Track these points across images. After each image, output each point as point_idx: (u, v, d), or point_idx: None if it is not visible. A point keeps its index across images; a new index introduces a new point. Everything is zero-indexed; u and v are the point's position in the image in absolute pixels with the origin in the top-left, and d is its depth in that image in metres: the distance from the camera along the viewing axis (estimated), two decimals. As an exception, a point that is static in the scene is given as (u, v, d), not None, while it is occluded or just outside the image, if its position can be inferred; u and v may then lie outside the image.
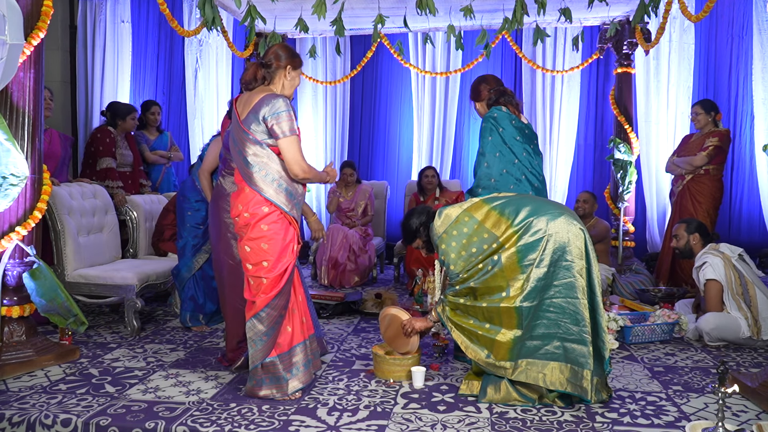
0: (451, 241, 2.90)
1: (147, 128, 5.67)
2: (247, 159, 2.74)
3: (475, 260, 2.83)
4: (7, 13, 2.74)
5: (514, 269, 2.75)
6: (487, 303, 2.78)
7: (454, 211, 2.97)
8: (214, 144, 3.93)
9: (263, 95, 2.74)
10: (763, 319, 3.64)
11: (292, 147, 2.72)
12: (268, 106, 2.70)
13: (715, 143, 4.89)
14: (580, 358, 2.71)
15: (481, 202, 2.94)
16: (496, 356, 2.75)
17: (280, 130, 2.70)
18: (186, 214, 4.05)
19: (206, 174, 3.92)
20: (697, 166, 4.95)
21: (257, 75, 2.83)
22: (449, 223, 2.94)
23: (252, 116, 2.72)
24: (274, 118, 2.69)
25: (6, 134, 2.83)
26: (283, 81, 2.86)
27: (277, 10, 5.18)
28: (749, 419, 2.59)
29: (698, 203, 4.95)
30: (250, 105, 2.76)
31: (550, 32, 6.53)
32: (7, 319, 3.20)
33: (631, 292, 4.90)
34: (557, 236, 2.74)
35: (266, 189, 2.73)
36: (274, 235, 2.74)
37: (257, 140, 2.72)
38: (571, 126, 6.77)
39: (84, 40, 6.86)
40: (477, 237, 2.85)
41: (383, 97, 7.22)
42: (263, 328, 2.75)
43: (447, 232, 2.93)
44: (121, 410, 2.62)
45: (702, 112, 5.01)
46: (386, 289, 4.95)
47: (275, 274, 2.74)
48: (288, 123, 2.71)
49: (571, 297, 2.73)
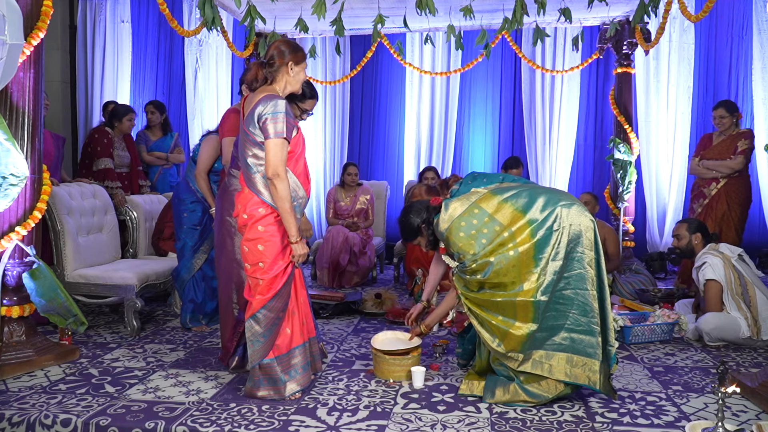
0: (459, 232, 2.82)
1: (151, 129, 5.66)
2: (247, 160, 2.74)
3: (484, 251, 2.75)
4: (7, 13, 2.74)
5: (528, 263, 2.71)
6: (502, 297, 2.73)
7: (462, 205, 2.88)
8: (206, 144, 3.90)
9: (263, 95, 2.72)
10: (762, 319, 3.64)
11: (277, 149, 2.65)
12: (265, 106, 2.67)
13: (748, 145, 4.87)
14: (588, 348, 2.71)
15: (490, 194, 2.87)
16: (507, 346, 2.72)
17: (272, 129, 2.65)
18: (182, 216, 4.03)
19: (203, 175, 3.90)
20: (737, 169, 4.90)
21: (258, 75, 2.80)
22: (456, 216, 2.85)
23: (250, 117, 2.71)
24: (269, 117, 2.65)
25: (6, 134, 2.83)
26: (286, 78, 2.82)
27: (276, 10, 5.18)
28: (749, 419, 2.59)
29: (736, 206, 4.92)
30: (250, 105, 2.75)
31: (550, 32, 6.54)
32: (7, 319, 3.20)
33: (631, 292, 4.89)
34: (572, 228, 2.72)
35: (263, 191, 2.72)
36: (270, 237, 2.73)
37: (256, 141, 2.71)
38: (570, 126, 6.77)
39: (84, 40, 6.86)
40: (487, 229, 2.78)
41: (383, 97, 7.23)
42: (260, 330, 2.74)
43: (454, 225, 2.84)
44: (120, 410, 2.62)
45: (727, 115, 4.96)
46: (386, 289, 4.95)
47: (271, 275, 2.73)
48: (281, 125, 2.65)
49: (581, 288, 2.72)
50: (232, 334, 3.21)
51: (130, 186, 5.15)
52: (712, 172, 5.01)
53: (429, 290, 3.39)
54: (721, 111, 4.99)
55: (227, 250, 3.19)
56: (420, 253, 5.31)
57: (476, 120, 7.07)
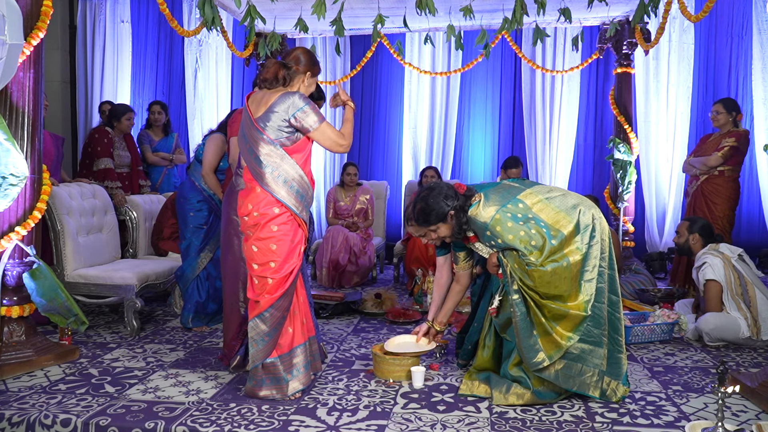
0: (507, 222, 2.73)
1: (152, 128, 5.66)
2: (259, 158, 2.72)
3: (538, 260, 2.69)
4: (7, 13, 2.74)
5: (576, 275, 2.71)
6: (555, 304, 2.69)
7: (502, 198, 2.82)
8: (210, 143, 3.91)
9: (279, 94, 2.73)
10: (762, 319, 3.64)
11: (326, 133, 2.75)
12: (285, 104, 2.69)
13: (731, 143, 4.80)
14: (595, 359, 2.74)
15: (531, 192, 2.84)
16: (547, 350, 2.67)
17: (308, 123, 2.71)
18: (188, 216, 4.03)
19: (210, 173, 3.93)
20: (712, 166, 4.84)
21: (278, 74, 2.80)
22: (501, 204, 2.79)
23: (268, 115, 2.71)
24: (299, 114, 2.69)
25: (6, 134, 2.83)
26: (300, 85, 2.85)
27: (276, 10, 5.17)
28: (749, 419, 2.59)
29: (714, 204, 4.85)
30: (265, 104, 2.74)
31: (550, 32, 6.54)
32: (7, 319, 3.20)
33: (631, 292, 4.89)
34: (603, 242, 2.78)
35: (278, 190, 2.71)
36: (283, 236, 2.73)
37: (270, 140, 2.70)
38: (570, 126, 6.77)
39: (84, 40, 6.86)
40: (535, 229, 2.73)
41: (383, 97, 7.23)
42: (266, 329, 2.74)
43: (501, 213, 2.75)
44: (120, 410, 2.62)
45: (723, 111, 4.89)
46: (386, 289, 4.94)
47: (281, 275, 2.73)
48: (313, 114, 2.72)
49: (598, 302, 2.75)
50: (237, 333, 3.21)
51: (130, 186, 5.15)
52: (694, 169, 5.00)
53: (434, 310, 3.28)
54: (718, 106, 4.96)
55: (234, 249, 3.20)
56: (420, 253, 5.32)
57: (476, 120, 7.07)
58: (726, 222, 4.86)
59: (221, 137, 3.91)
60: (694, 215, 4.77)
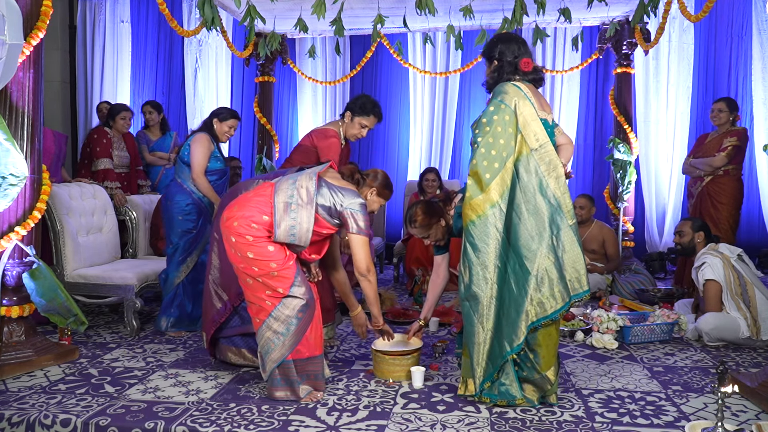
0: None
1: (149, 128, 5.65)
2: (294, 186, 2.78)
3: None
4: (7, 12, 2.74)
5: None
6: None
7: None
8: (197, 144, 3.80)
9: (348, 186, 2.89)
10: (762, 319, 3.64)
11: (362, 247, 2.85)
12: (348, 200, 2.81)
13: (734, 143, 4.77)
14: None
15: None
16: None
17: (354, 225, 2.81)
18: (176, 219, 3.85)
19: (201, 176, 3.81)
20: (717, 167, 4.81)
21: (354, 175, 3.07)
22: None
23: (329, 192, 2.80)
24: (354, 213, 2.80)
25: (5, 134, 2.83)
26: (366, 194, 3.07)
27: (276, 10, 5.18)
28: (749, 419, 2.59)
29: (721, 204, 4.82)
30: (336, 180, 2.89)
31: (550, 32, 6.55)
32: (7, 319, 3.20)
33: (631, 292, 4.90)
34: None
35: (278, 222, 2.70)
36: (275, 243, 2.72)
37: (313, 200, 2.76)
38: (570, 126, 6.77)
39: (83, 40, 6.86)
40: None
41: (383, 97, 7.23)
42: (280, 327, 2.69)
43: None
44: (120, 410, 2.62)
45: (726, 110, 4.87)
46: (386, 289, 4.94)
47: (282, 264, 2.69)
48: (363, 222, 2.82)
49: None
50: (213, 320, 3.16)
51: (130, 186, 5.14)
52: (697, 170, 4.97)
53: (427, 309, 3.33)
54: (720, 104, 4.93)
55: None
56: (420, 252, 5.32)
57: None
58: (732, 222, 4.83)
59: (207, 137, 3.83)
60: (698, 216, 4.76)
